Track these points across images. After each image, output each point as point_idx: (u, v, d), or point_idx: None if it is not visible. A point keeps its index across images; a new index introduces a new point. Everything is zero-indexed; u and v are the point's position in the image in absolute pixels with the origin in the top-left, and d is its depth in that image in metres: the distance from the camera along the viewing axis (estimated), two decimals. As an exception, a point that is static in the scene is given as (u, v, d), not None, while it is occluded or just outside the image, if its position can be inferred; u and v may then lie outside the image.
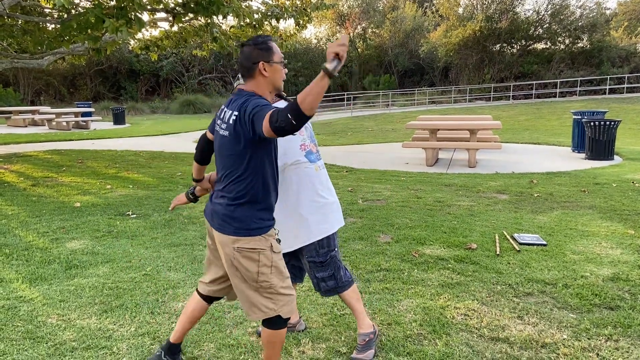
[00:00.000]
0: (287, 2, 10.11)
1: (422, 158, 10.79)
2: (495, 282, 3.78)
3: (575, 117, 11.26)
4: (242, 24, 10.17)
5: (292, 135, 2.60)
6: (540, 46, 34.33)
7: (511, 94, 29.73)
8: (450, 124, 9.77)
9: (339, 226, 2.77)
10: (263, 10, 9.89)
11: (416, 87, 35.24)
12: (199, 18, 10.05)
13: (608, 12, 34.08)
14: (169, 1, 8.27)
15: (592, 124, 9.91)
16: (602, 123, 9.81)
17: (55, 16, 9.89)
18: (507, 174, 8.69)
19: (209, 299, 2.55)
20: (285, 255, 2.89)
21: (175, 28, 10.82)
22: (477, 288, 3.68)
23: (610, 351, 2.77)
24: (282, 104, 2.70)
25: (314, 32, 49.53)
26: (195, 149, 2.61)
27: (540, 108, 24.16)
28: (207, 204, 2.40)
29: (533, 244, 4.64)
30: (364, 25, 40.56)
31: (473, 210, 6.04)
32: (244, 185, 2.20)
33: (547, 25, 33.33)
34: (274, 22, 10.46)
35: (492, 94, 30.55)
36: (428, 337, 2.96)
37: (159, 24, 10.68)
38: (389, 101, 31.20)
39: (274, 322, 2.31)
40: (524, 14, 33.85)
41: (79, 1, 10.13)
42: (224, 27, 11.76)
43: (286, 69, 2.33)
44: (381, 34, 38.74)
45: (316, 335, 3.02)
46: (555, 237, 4.87)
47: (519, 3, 33.06)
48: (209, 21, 9.89)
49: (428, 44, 34.65)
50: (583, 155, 10.68)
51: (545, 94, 29.94)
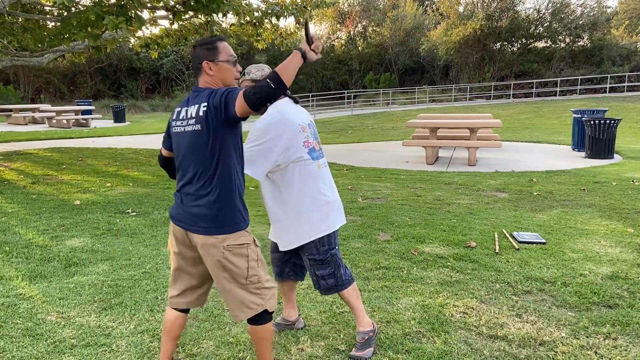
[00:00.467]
0: (288, 0, 10.10)
1: (422, 156, 10.79)
2: (494, 281, 3.78)
3: (576, 115, 11.26)
4: (242, 21, 10.17)
5: (297, 133, 2.60)
6: (540, 45, 34.29)
7: (511, 92, 29.70)
8: (450, 122, 9.77)
9: (340, 224, 2.77)
10: (263, 8, 9.88)
11: (416, 85, 35.21)
12: (199, 16, 10.04)
13: (609, 10, 34.08)
14: (169, -1, 8.27)
15: (592, 122, 9.91)
16: (602, 122, 9.80)
17: (56, 14, 9.89)
18: (507, 172, 8.69)
19: (184, 310, 2.48)
20: (287, 253, 2.89)
21: (175, 26, 10.82)
22: (476, 286, 3.68)
23: (608, 349, 2.78)
24: (287, 101, 2.71)
25: (314, 30, 49.43)
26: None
27: (541, 107, 24.15)
28: (175, 210, 2.30)
29: (532, 242, 4.64)
30: (364, 23, 40.52)
31: (472, 209, 6.05)
32: (223, 180, 2.19)
33: (548, 23, 33.29)
34: (274, 20, 10.46)
35: (492, 92, 30.52)
36: (427, 335, 2.96)
37: (159, 21, 10.67)
38: (389, 99, 31.18)
39: (261, 317, 2.30)
40: (525, 12, 33.94)
41: (79, -1, 10.11)
42: (224, 25, 11.76)
43: (239, 67, 2.35)
44: (382, 32, 38.69)
45: (315, 332, 3.02)
46: (555, 236, 4.87)
47: (520, 1, 33.09)
48: (209, 19, 9.88)
49: (428, 42, 34.61)
50: (583, 154, 10.68)
51: (545, 93, 29.91)
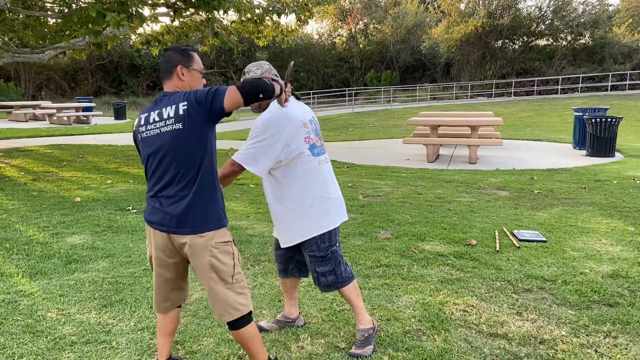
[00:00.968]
0: (289, -3, 10.09)
1: (423, 154, 10.78)
2: (494, 279, 3.78)
3: (577, 113, 11.24)
4: (243, 19, 10.16)
5: (298, 128, 2.59)
6: (542, 42, 34.23)
7: (513, 90, 29.65)
8: (451, 120, 9.76)
9: (341, 221, 2.76)
10: (264, 6, 9.86)
11: (418, 83, 35.16)
12: (200, 13, 10.03)
13: (611, 8, 33.97)
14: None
15: (593, 120, 9.89)
16: (604, 120, 9.78)
17: (56, 10, 9.87)
18: (508, 170, 8.68)
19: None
20: (290, 250, 2.89)
21: (176, 23, 10.80)
22: (476, 284, 3.68)
23: (609, 348, 2.78)
24: (294, 100, 2.70)
25: (316, 28, 49.34)
26: None
27: (542, 105, 24.12)
28: (153, 215, 2.24)
29: (533, 241, 4.64)
30: (365, 20, 40.45)
31: (473, 207, 6.04)
32: (206, 177, 2.20)
33: (549, 21, 33.21)
34: (275, 17, 10.44)
35: (493, 90, 30.47)
36: (427, 333, 2.96)
37: (159, 18, 10.66)
38: (390, 97, 31.14)
39: (245, 318, 2.29)
40: (526, 10, 33.77)
41: (79, -4, 10.10)
42: (225, 22, 11.75)
43: (205, 80, 2.39)
44: (383, 29, 38.63)
45: (315, 330, 3.02)
46: (555, 234, 4.87)
47: (521, -1, 32.98)
48: (210, 16, 9.87)
49: (430, 40, 34.55)
50: (584, 152, 10.67)
51: (546, 91, 29.85)
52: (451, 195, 6.73)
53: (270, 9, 9.83)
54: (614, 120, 9.77)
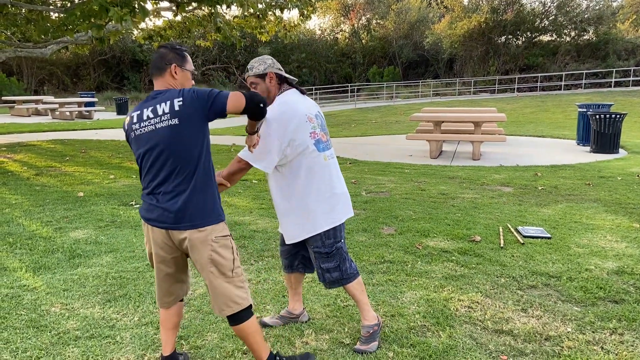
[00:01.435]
0: (291, -8, 10.04)
1: (426, 150, 10.75)
2: (499, 275, 3.76)
3: (581, 110, 11.19)
4: (245, 14, 10.13)
5: (304, 123, 2.57)
6: (545, 38, 34.09)
7: (516, 86, 29.57)
8: (454, 116, 9.72)
9: (346, 217, 2.75)
10: (267, 0, 9.82)
11: (420, 79, 35.07)
12: (203, 8, 10.00)
13: (614, 4, 33.79)
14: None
15: (597, 116, 9.84)
16: (608, 116, 9.74)
17: (59, 5, 9.85)
18: (512, 166, 8.65)
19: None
20: (296, 246, 2.87)
21: (178, 18, 10.77)
22: (480, 280, 3.66)
23: (615, 345, 2.76)
24: (294, 92, 2.67)
25: (318, 23, 49.28)
26: None
27: (545, 101, 24.04)
28: (150, 212, 2.23)
29: (537, 237, 4.62)
30: (368, 16, 40.33)
31: (477, 203, 6.02)
32: (204, 172, 2.20)
33: (553, 17, 33.07)
34: (278, 12, 10.41)
35: (496, 86, 30.38)
36: (432, 329, 2.95)
37: (162, 13, 10.63)
38: (392, 93, 31.08)
39: (244, 313, 2.29)
40: (530, 5, 33.60)
41: (82, -10, 10.07)
42: (227, 17, 11.71)
43: (193, 82, 2.40)
44: (385, 25, 38.51)
45: (319, 326, 3.01)
46: (560, 230, 4.85)
47: (525, -6, 32.81)
48: (212, 11, 9.83)
49: (433, 35, 34.45)
50: (588, 149, 10.63)
51: (550, 87, 29.76)
52: (455, 191, 6.71)
53: (273, 3, 9.80)
54: (618, 116, 9.72)
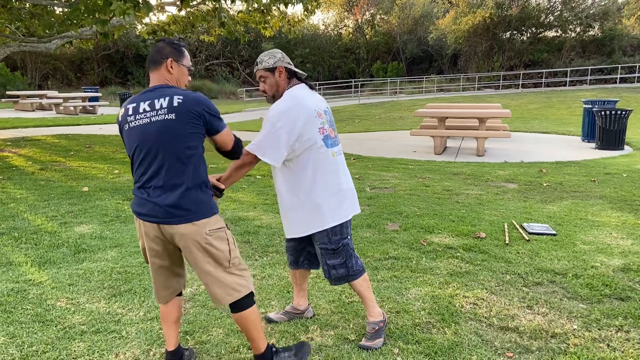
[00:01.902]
0: (296, -13, 10.01)
1: (430, 146, 10.73)
2: (504, 272, 3.75)
3: (586, 106, 11.13)
4: (250, 9, 10.09)
5: (313, 118, 2.56)
6: (550, 34, 33.89)
7: (520, 82, 29.42)
8: (459, 112, 9.68)
9: (353, 213, 2.74)
10: (271, -5, 9.79)
11: (424, 74, 34.96)
12: (207, 2, 9.97)
13: (620, 0, 33.55)
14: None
15: (602, 113, 9.79)
16: (613, 112, 9.68)
17: (63, 0, 9.84)
18: (516, 163, 8.62)
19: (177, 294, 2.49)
20: (302, 242, 2.87)
21: (182, 12, 10.75)
22: (486, 277, 3.65)
23: (621, 342, 2.75)
24: (303, 86, 2.65)
25: (322, 18, 49.15)
26: None
27: (550, 97, 23.93)
28: (141, 207, 2.21)
29: (542, 234, 4.60)
30: (372, 11, 40.18)
31: (482, 199, 6.00)
32: (195, 166, 2.21)
33: (558, 12, 32.86)
34: (282, 7, 10.37)
35: (501, 82, 30.25)
36: (437, 326, 2.94)
37: (166, 8, 10.61)
38: (396, 89, 30.99)
39: (246, 300, 2.32)
40: (535, 1, 33.39)
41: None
42: (231, 12, 11.68)
43: (190, 78, 2.42)
44: (390, 20, 38.36)
45: (324, 322, 3.01)
46: (565, 227, 4.83)
47: (530, -10, 32.62)
48: (216, 6, 9.81)
49: (437, 30, 34.29)
50: (593, 145, 10.58)
51: (555, 83, 29.62)
52: (459, 187, 6.69)
53: (278, -2, 9.76)
54: (623, 112, 9.67)
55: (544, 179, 7.14)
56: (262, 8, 10.31)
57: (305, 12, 11.20)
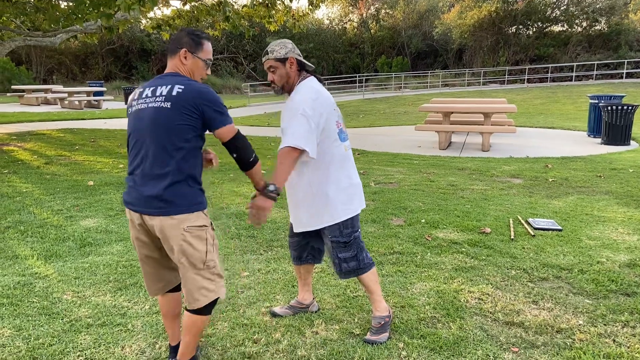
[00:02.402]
0: (301, -19, 9.97)
1: (435, 141, 10.69)
2: (509, 267, 3.74)
3: (592, 101, 11.07)
4: (254, 3, 10.06)
5: (332, 112, 2.56)
6: (557, 29, 33.67)
7: (526, 77, 29.27)
8: (464, 107, 9.65)
9: (361, 207, 2.74)
10: (276, -11, 9.76)
11: (429, 69, 34.82)
12: (212, -3, 9.94)
13: (627, -6, 33.27)
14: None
15: (609, 108, 9.73)
16: (619, 107, 9.63)
17: (68, -6, 9.83)
18: (522, 158, 8.58)
19: (172, 290, 2.45)
20: (306, 237, 2.86)
21: (187, 7, 10.73)
22: (491, 272, 3.65)
23: (626, 337, 2.74)
24: (315, 79, 2.63)
25: (327, 13, 49.00)
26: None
27: (556, 92, 23.80)
28: (128, 195, 2.19)
29: (548, 229, 4.59)
30: (377, 5, 40.00)
31: (487, 195, 5.99)
32: (185, 160, 2.12)
33: (565, 7, 32.64)
34: (286, 1, 10.34)
35: (506, 77, 30.11)
36: (442, 321, 2.94)
37: (171, 2, 10.59)
38: (401, 83, 30.89)
39: (208, 307, 2.24)
40: (541, -5, 33.16)
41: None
42: (236, 6, 11.65)
43: (209, 71, 2.34)
44: (394, 14, 38.20)
45: (329, 316, 3.01)
46: (571, 222, 4.81)
47: (537, -16, 32.37)
48: (221, 0, 9.78)
49: (442, 25, 34.12)
50: (599, 140, 10.52)
51: (560, 78, 29.44)
52: (464, 182, 6.67)
53: (282, -8, 9.73)
54: (629, 108, 9.61)
55: (550, 174, 7.11)
56: (266, 2, 10.28)
57: (310, 7, 11.16)
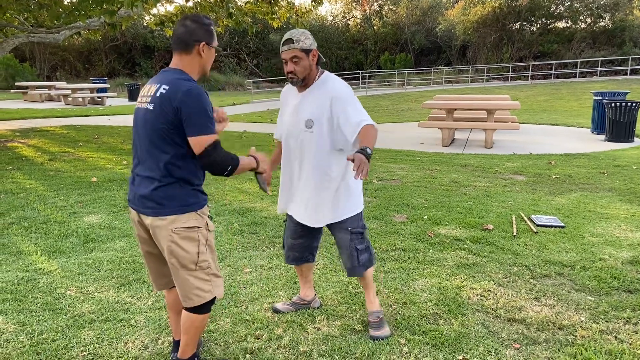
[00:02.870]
0: (304, -22, 9.95)
1: (438, 138, 10.67)
2: (511, 264, 3.74)
3: (596, 97, 11.02)
4: (257, -1, 10.04)
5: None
6: (561, 25, 33.53)
7: (530, 73, 29.15)
8: (467, 103, 9.62)
9: None
10: (279, -14, 9.74)
11: (432, 66, 34.73)
12: (215, -7, 9.93)
13: (632, -10, 33.07)
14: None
15: (612, 105, 9.69)
16: (623, 104, 9.59)
17: (71, -10, 9.84)
18: (525, 155, 8.57)
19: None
20: (308, 237, 2.84)
21: (190, 3, 10.73)
22: (493, 269, 3.65)
23: (629, 334, 2.74)
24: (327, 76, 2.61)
25: (330, 9, 48.85)
26: None
27: (560, 88, 23.71)
28: (129, 193, 2.23)
29: (551, 226, 4.58)
30: (380, 2, 39.89)
31: (489, 191, 5.98)
32: (176, 161, 2.08)
33: (569, 3, 32.48)
34: (289, -3, 10.32)
35: (510, 73, 30.00)
36: (444, 317, 2.95)
37: (174, -1, 10.58)
38: (404, 80, 30.83)
39: (205, 306, 2.23)
40: (545, -9, 33.00)
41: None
42: (239, 2, 11.64)
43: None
44: (398, 11, 38.10)
45: (331, 312, 3.02)
46: (574, 219, 4.80)
47: (541, -20, 32.23)
48: (224, -4, 9.77)
49: (445, 21, 34.01)
50: (603, 137, 10.48)
51: (564, 74, 29.32)
52: (467, 179, 6.67)
53: (285, -11, 9.71)
54: (633, 104, 9.57)
55: (553, 171, 7.10)
56: (269, -2, 10.28)
57: (313, 3, 11.14)
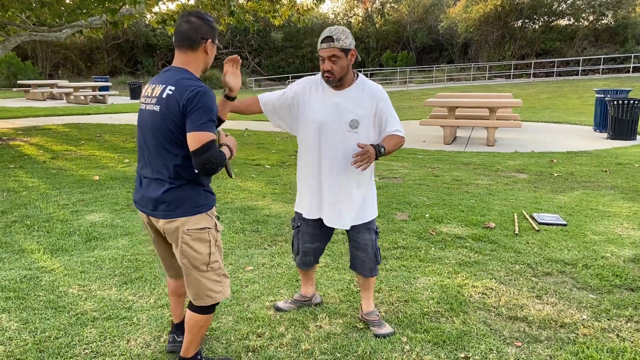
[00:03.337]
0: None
1: (440, 136, 10.66)
2: (513, 262, 3.74)
3: (598, 95, 11.00)
4: (259, -3, 10.03)
5: None
6: (563, 22, 33.43)
7: (532, 71, 29.09)
8: (469, 101, 9.61)
9: None
10: (280, -16, 9.73)
11: (434, 64, 34.67)
12: (216, -9, 9.93)
13: (635, -13, 32.95)
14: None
15: (615, 102, 9.67)
16: (626, 102, 9.56)
17: (73, -11, 9.85)
18: (527, 153, 8.55)
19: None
20: (324, 242, 2.85)
21: (192, 2, 10.73)
22: (495, 267, 3.65)
23: (630, 332, 2.74)
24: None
25: (331, 7, 48.82)
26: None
27: (562, 86, 23.66)
28: (136, 194, 2.23)
29: (553, 224, 4.58)
30: (382, -1, 39.82)
31: (491, 189, 5.98)
32: (184, 163, 2.06)
33: (571, 0, 32.37)
34: (291, -5, 10.31)
35: (512, 71, 29.94)
36: (445, 315, 2.95)
37: (176, -3, 10.58)
38: (406, 78, 30.79)
39: (213, 306, 2.25)
40: (548, -12, 32.89)
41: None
42: (240, 0, 11.63)
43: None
44: (400, 9, 38.02)
45: (333, 310, 3.03)
46: (576, 217, 4.80)
47: (543, -23, 32.12)
48: (226, -6, 9.77)
49: (447, 19, 33.95)
50: (605, 135, 10.47)
51: (567, 72, 29.25)
52: (469, 177, 6.66)
53: (287, -13, 9.70)
54: (636, 102, 9.55)
55: (555, 169, 7.09)
56: (271, -4, 10.27)
57: (315, 1, 11.13)
